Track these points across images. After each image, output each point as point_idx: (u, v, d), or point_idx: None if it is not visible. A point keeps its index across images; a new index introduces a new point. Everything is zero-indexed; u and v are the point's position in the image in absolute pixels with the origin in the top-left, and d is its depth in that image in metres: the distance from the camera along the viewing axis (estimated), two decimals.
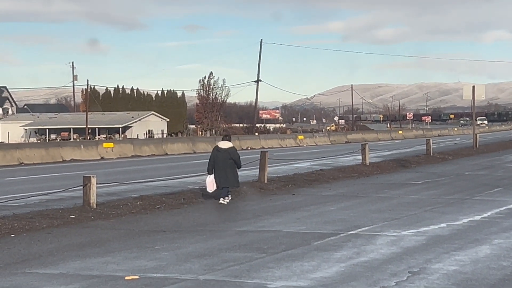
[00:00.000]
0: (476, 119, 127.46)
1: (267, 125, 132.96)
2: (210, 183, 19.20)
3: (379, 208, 17.96)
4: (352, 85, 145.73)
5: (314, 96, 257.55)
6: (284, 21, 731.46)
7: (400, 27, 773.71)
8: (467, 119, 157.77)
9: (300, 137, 65.08)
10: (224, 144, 19.44)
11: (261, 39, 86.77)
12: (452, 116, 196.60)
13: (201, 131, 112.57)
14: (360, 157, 32.07)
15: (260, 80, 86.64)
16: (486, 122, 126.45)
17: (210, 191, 19.31)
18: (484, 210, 17.34)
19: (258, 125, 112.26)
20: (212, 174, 19.20)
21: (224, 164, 19.11)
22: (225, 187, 19.20)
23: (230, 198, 19.34)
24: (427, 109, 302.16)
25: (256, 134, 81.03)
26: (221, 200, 19.09)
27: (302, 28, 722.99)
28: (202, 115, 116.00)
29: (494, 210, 17.39)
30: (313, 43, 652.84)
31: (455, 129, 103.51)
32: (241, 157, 19.99)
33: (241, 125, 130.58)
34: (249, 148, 53.22)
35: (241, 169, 19.94)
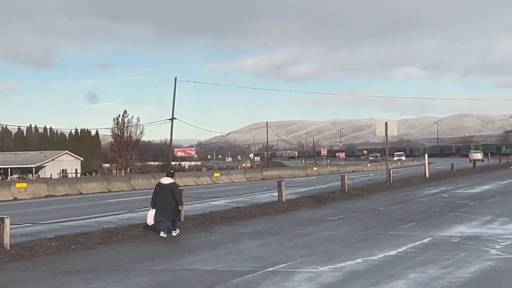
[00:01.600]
0: (393, 155, 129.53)
1: (183, 163, 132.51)
2: (151, 217, 20.35)
3: (296, 244, 18.03)
4: (267, 122, 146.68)
5: (229, 133, 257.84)
6: (199, 58, 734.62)
7: (313, 64, 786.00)
8: (378, 154, 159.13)
9: (216, 174, 65.02)
10: (166, 180, 20.66)
11: (176, 77, 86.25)
12: (365, 152, 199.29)
13: (116, 170, 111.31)
14: (276, 194, 32.20)
15: (175, 118, 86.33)
16: (403, 157, 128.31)
17: (150, 224, 20.42)
18: (399, 245, 17.60)
19: (173, 163, 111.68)
20: (154, 208, 20.32)
21: (165, 199, 20.28)
22: (165, 221, 20.33)
23: (177, 232, 20.49)
24: (341, 145, 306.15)
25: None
26: (162, 233, 20.08)
27: (217, 65, 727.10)
28: (116, 153, 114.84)
29: (409, 244, 17.66)
30: (228, 80, 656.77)
31: (369, 164, 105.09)
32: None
33: (156, 163, 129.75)
34: None
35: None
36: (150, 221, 20.38)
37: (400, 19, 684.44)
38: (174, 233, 20.41)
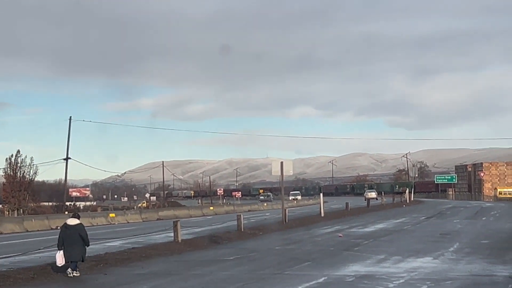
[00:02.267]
0: (289, 194, 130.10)
1: (77, 203, 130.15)
2: (60, 257, 20.32)
3: (191, 285, 17.90)
4: (163, 161, 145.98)
5: (125, 173, 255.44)
6: (95, 97, 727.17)
7: (208, 104, 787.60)
8: (269, 193, 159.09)
9: (112, 215, 64.08)
10: (72, 221, 20.65)
11: (70, 116, 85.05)
12: (261, 191, 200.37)
13: (8, 211, 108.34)
14: (172, 234, 31.95)
15: (70, 158, 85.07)
16: (299, 197, 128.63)
17: (60, 265, 20.35)
18: (295, 284, 17.68)
19: (68, 203, 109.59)
20: (61, 249, 20.31)
21: (72, 240, 20.29)
22: (73, 262, 20.33)
23: (78, 274, 20.37)
24: (237, 184, 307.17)
25: (66, 213, 78.99)
26: (68, 271, 20.30)
27: (113, 104, 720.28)
28: (9, 194, 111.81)
29: (304, 284, 17.76)
30: (124, 120, 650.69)
31: (265, 204, 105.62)
32: (48, 237, 19.83)
33: (50, 203, 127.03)
34: (58, 227, 51.66)
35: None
36: (60, 262, 20.26)
37: (295, 59, 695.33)
38: (75, 274, 20.33)
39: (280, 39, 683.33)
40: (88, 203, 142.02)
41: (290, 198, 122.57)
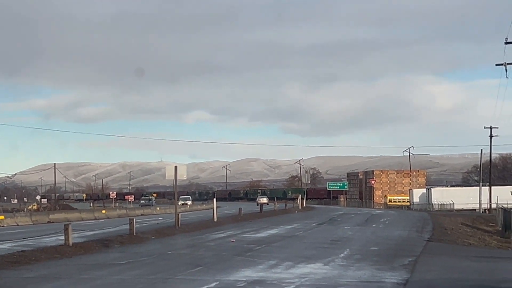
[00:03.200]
0: (178, 199, 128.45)
1: None
2: None
3: None
4: (55, 163, 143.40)
5: (16, 174, 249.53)
6: None
7: (103, 106, 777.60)
8: (150, 198, 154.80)
9: (1, 217, 62.53)
10: None
11: None
12: (155, 195, 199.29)
13: None
14: (63, 237, 31.40)
15: None
16: (189, 202, 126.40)
17: None
18: None
19: None
20: None
21: None
22: None
23: None
24: (130, 188, 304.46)
25: None
26: None
27: (5, 105, 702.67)
28: None
29: None
30: (17, 120, 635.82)
31: (158, 208, 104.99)
32: None
33: None
34: None
35: None
36: None
37: (192, 63, 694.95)
38: None
39: (177, 44, 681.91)
40: None
41: (180, 203, 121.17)
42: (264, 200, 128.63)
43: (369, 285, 18.85)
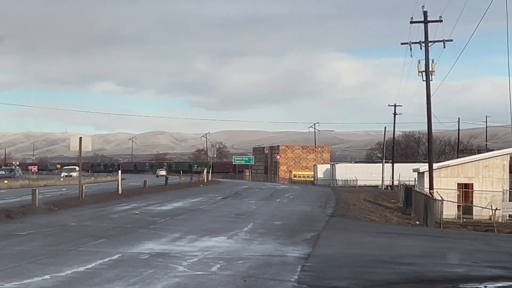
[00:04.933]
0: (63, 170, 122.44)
1: None
2: None
3: None
4: None
5: None
6: None
7: (6, 75, 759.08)
8: (13, 167, 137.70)
9: None
10: None
11: None
12: (58, 166, 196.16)
13: None
14: None
15: None
16: (74, 173, 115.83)
17: None
18: (89, 261, 17.52)
19: None
20: None
21: None
22: None
23: None
24: (34, 158, 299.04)
25: None
26: None
27: None
28: None
29: (98, 261, 17.64)
30: None
31: (62, 179, 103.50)
32: None
33: None
34: None
35: None
36: None
37: (98, 34, 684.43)
38: None
39: (85, 13, 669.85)
40: None
41: (63, 174, 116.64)
42: (163, 172, 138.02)
43: (272, 259, 19.08)
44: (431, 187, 48.72)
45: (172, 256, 18.97)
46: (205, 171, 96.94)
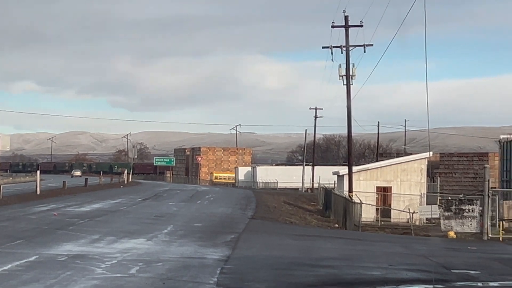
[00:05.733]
0: None
1: None
2: None
3: None
4: None
5: None
6: None
7: None
8: None
9: None
10: None
11: None
12: None
13: None
14: None
15: None
16: None
17: None
18: (5, 262, 17.22)
19: None
20: None
21: None
22: None
23: None
24: None
25: None
26: None
27: None
28: None
29: (15, 262, 17.36)
30: None
31: None
32: None
33: None
34: None
35: None
36: None
37: (18, 32, 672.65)
38: None
39: (5, 10, 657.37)
40: None
41: None
42: (78, 173, 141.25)
43: (191, 261, 19.06)
44: (350, 190, 49.30)
45: (90, 258, 18.78)
46: (125, 172, 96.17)
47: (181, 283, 15.53)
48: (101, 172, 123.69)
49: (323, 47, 53.96)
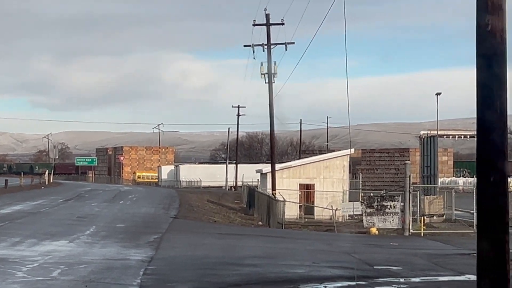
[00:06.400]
0: None
1: None
2: None
3: None
4: None
5: None
6: None
7: None
8: None
9: None
10: None
11: None
12: None
13: None
14: None
15: None
16: None
17: None
18: None
19: None
20: None
21: None
22: None
23: None
24: None
25: None
26: None
27: None
28: None
29: None
30: None
31: None
32: None
33: None
34: None
35: None
36: None
37: None
38: None
39: None
40: None
41: None
42: None
43: (114, 263, 18.87)
44: (273, 188, 49.53)
45: (11, 262, 18.41)
46: (46, 172, 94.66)
47: (104, 285, 15.36)
48: (22, 173, 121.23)
49: (244, 46, 54.10)
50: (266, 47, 52.36)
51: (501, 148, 8.32)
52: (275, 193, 46.88)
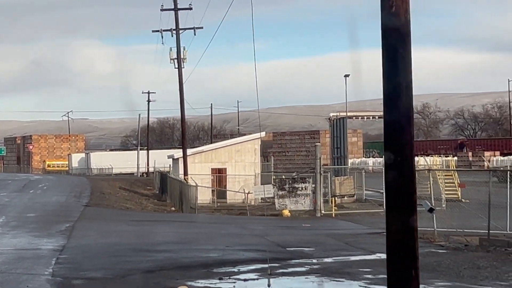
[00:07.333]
0: None
1: None
2: None
3: None
4: None
5: None
6: None
7: None
8: None
9: None
10: None
11: None
12: None
13: None
14: None
15: None
16: None
17: None
18: None
19: None
20: None
21: None
22: None
23: None
24: None
25: None
26: None
27: None
28: None
29: None
30: None
31: None
32: None
33: None
34: None
35: None
36: None
37: None
38: None
39: None
40: None
41: None
42: None
43: (25, 253, 18.57)
44: (185, 173, 49.42)
45: None
46: None
47: (15, 275, 15.11)
48: None
49: (153, 31, 53.69)
50: (174, 32, 52.07)
51: (407, 127, 8.47)
52: (188, 178, 46.80)
